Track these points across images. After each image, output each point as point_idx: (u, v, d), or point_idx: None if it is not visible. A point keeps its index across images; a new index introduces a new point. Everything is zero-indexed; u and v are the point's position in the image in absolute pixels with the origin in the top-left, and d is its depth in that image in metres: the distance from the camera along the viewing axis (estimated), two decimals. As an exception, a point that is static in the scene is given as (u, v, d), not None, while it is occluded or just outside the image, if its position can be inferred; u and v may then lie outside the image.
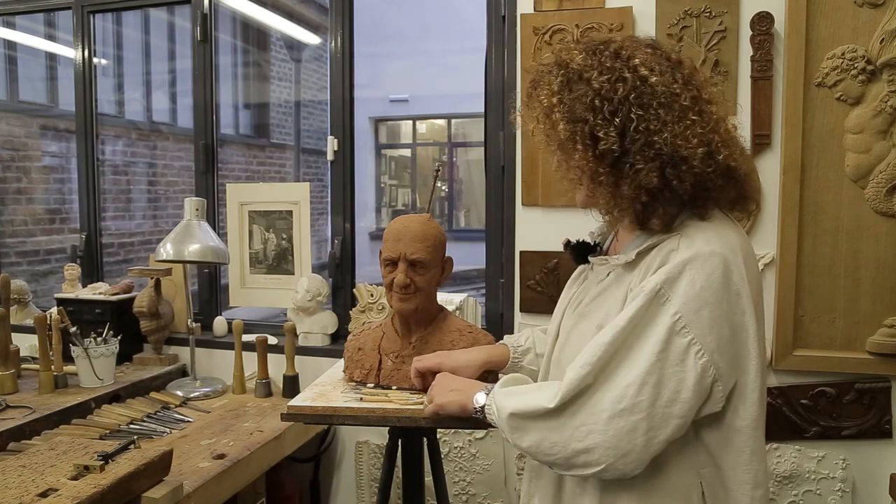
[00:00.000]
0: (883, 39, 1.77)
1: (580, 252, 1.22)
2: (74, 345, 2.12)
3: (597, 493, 1.06)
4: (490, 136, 2.19)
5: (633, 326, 0.97)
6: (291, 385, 2.18)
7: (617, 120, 0.99)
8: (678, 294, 0.96)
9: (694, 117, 1.00)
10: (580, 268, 1.24)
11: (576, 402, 0.98)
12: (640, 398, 0.94)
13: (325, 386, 1.59)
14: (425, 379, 1.41)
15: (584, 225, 1.29)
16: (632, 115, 0.98)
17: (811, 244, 1.86)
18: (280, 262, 2.49)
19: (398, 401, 1.45)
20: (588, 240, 1.24)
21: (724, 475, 1.03)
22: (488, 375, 1.42)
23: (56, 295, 2.51)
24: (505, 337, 1.56)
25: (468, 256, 3.61)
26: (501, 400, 1.09)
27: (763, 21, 1.86)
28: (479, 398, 1.15)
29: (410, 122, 9.38)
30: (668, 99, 0.99)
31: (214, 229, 2.41)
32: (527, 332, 1.50)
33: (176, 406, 2.11)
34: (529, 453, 1.06)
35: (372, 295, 2.26)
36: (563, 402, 0.98)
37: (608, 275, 1.11)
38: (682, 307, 0.95)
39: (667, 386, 0.95)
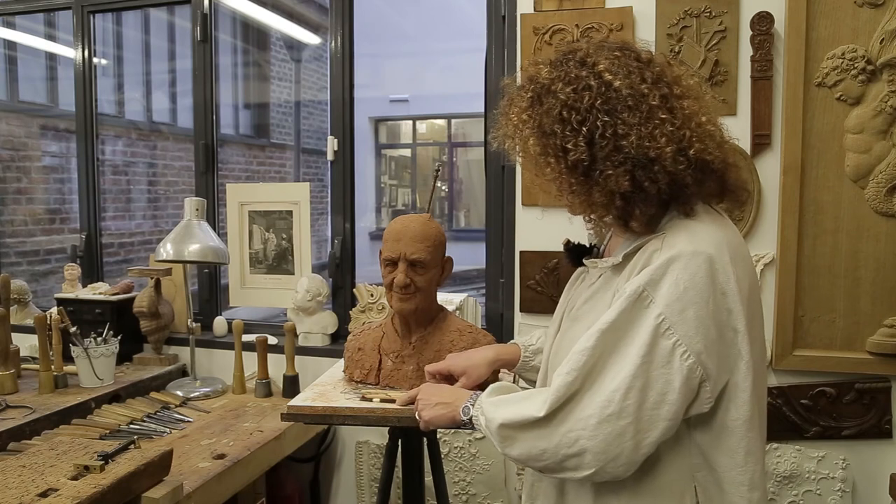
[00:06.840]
0: (883, 39, 1.77)
1: (576, 254, 1.21)
2: (74, 345, 2.12)
3: (591, 493, 1.07)
4: (490, 136, 2.19)
5: (617, 329, 0.97)
6: (291, 385, 2.18)
7: (584, 129, 0.99)
8: (661, 295, 0.95)
9: (663, 115, 0.99)
10: (579, 270, 1.24)
11: (564, 409, 0.98)
12: (627, 402, 0.94)
13: (325, 386, 1.59)
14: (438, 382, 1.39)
15: (584, 226, 1.29)
16: (598, 123, 0.98)
17: (811, 244, 1.86)
18: (280, 262, 2.49)
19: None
20: (586, 242, 1.24)
21: (720, 477, 1.02)
22: (498, 374, 1.41)
23: (56, 295, 2.51)
24: (516, 336, 1.54)
25: (468, 256, 3.61)
26: (490, 410, 1.08)
27: (763, 21, 1.86)
28: (466, 409, 1.15)
29: (410, 122, 9.37)
30: (635, 101, 0.99)
31: (214, 229, 2.41)
32: (538, 332, 1.48)
33: (176, 406, 2.11)
34: (520, 461, 1.06)
35: (372, 295, 2.26)
36: (552, 409, 0.98)
37: (599, 278, 1.12)
38: (665, 308, 0.94)
39: (653, 389, 0.94)
